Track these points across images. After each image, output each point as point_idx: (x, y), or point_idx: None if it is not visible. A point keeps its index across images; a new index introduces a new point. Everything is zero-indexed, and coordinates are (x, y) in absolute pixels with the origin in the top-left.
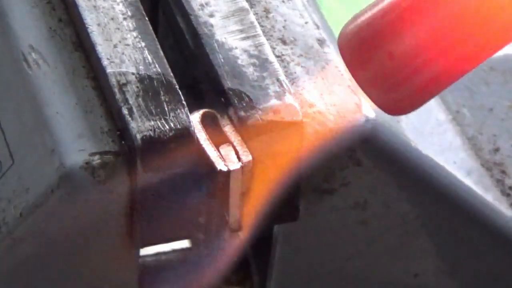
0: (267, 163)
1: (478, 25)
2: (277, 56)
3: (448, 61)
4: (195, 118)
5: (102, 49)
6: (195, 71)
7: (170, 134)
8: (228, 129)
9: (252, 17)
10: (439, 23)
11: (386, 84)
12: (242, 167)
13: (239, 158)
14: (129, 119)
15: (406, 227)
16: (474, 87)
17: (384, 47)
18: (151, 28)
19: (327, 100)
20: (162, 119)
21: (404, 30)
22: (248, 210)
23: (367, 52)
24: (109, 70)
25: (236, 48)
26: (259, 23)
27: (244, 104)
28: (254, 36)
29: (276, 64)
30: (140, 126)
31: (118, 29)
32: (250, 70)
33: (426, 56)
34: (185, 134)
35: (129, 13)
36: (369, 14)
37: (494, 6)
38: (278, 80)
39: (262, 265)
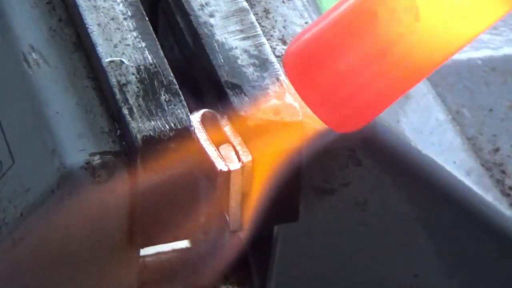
0: (267, 163)
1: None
2: (277, 56)
3: (393, 76)
4: (195, 118)
5: (103, 49)
6: (195, 71)
7: (170, 134)
8: (228, 129)
9: (252, 17)
10: (375, 44)
11: (332, 102)
12: (242, 167)
13: (239, 158)
14: (130, 119)
15: (406, 227)
16: (474, 87)
17: (328, 64)
18: (151, 28)
19: None
20: (163, 119)
21: (346, 47)
22: (248, 210)
23: (311, 70)
24: (109, 70)
25: (236, 48)
26: (259, 23)
27: (244, 104)
28: (254, 36)
29: (276, 64)
30: (141, 126)
31: (118, 29)
32: (250, 70)
33: (370, 72)
34: (185, 134)
35: (129, 13)
36: (312, 32)
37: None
38: (278, 80)
39: (262, 265)
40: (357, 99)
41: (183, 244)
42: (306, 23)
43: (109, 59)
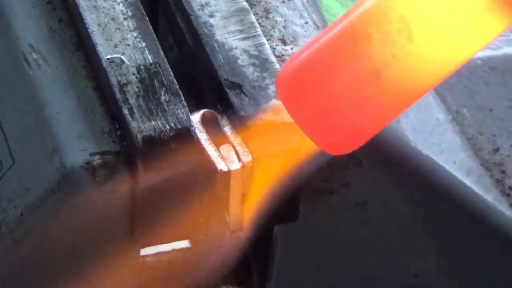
0: (267, 163)
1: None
2: (277, 56)
3: (387, 98)
4: (195, 118)
5: (103, 49)
6: (195, 71)
7: (171, 134)
8: (228, 129)
9: (252, 17)
10: (368, 66)
11: (324, 124)
12: (242, 167)
13: (239, 158)
14: (130, 119)
15: (406, 227)
16: (474, 87)
17: (320, 87)
18: (151, 28)
19: None
20: (163, 119)
21: (338, 69)
22: (248, 210)
23: (304, 92)
24: (109, 70)
25: (236, 48)
26: (259, 23)
27: (244, 104)
28: (254, 36)
29: (276, 64)
30: (141, 126)
31: (119, 29)
32: (250, 70)
33: (363, 95)
34: (186, 134)
35: (130, 13)
36: (305, 54)
37: None
38: None
39: (262, 265)
40: (350, 122)
41: (183, 244)
42: (306, 23)
43: (109, 56)
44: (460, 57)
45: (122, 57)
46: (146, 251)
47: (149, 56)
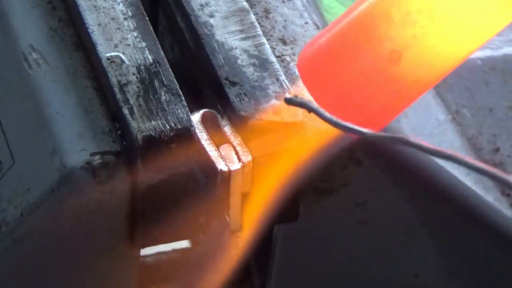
0: (267, 163)
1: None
2: (277, 56)
3: (407, 79)
4: (195, 118)
5: (103, 49)
6: (195, 71)
7: (171, 134)
8: (228, 129)
9: (252, 17)
10: (389, 47)
11: (345, 105)
12: (242, 167)
13: (239, 158)
14: (130, 119)
15: (406, 227)
16: (474, 87)
17: (341, 68)
18: (151, 28)
19: None
20: (163, 119)
21: (360, 50)
22: (248, 210)
23: (325, 73)
24: (109, 70)
25: (236, 48)
26: (259, 23)
27: (244, 104)
28: (254, 36)
29: (276, 64)
30: (141, 126)
31: (119, 29)
32: (250, 70)
33: (384, 76)
34: (186, 134)
35: (130, 13)
36: (326, 36)
37: None
38: (278, 80)
39: (262, 265)
40: (371, 103)
41: (183, 244)
42: (306, 23)
43: (109, 54)
44: (481, 36)
45: (123, 57)
46: (146, 251)
47: (149, 56)
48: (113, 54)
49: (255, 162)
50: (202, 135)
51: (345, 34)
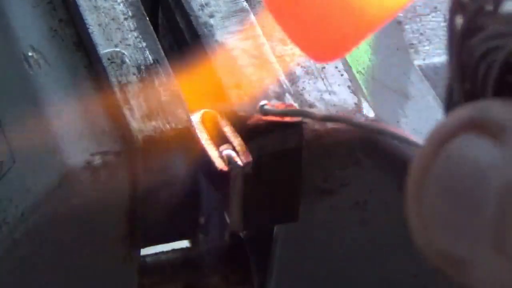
0: (267, 163)
1: None
2: (277, 56)
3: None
4: (195, 118)
5: (103, 49)
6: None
7: (171, 134)
8: (228, 129)
9: (252, 17)
10: None
11: (310, 31)
12: (242, 167)
13: (239, 158)
14: (130, 119)
15: (406, 227)
16: None
17: None
18: (151, 28)
19: (327, 100)
20: (163, 119)
21: None
22: (248, 210)
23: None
24: (110, 70)
25: (236, 48)
26: (259, 23)
27: (244, 104)
28: (254, 36)
29: (276, 64)
30: (141, 126)
31: (119, 29)
32: (250, 70)
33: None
34: (186, 134)
35: (130, 13)
36: None
37: None
38: (278, 80)
39: (262, 265)
40: (334, 28)
41: (183, 244)
42: None
43: (109, 56)
44: None
45: (123, 57)
46: (146, 251)
47: (149, 56)
48: (115, 50)
49: (255, 162)
50: (202, 135)
51: None
